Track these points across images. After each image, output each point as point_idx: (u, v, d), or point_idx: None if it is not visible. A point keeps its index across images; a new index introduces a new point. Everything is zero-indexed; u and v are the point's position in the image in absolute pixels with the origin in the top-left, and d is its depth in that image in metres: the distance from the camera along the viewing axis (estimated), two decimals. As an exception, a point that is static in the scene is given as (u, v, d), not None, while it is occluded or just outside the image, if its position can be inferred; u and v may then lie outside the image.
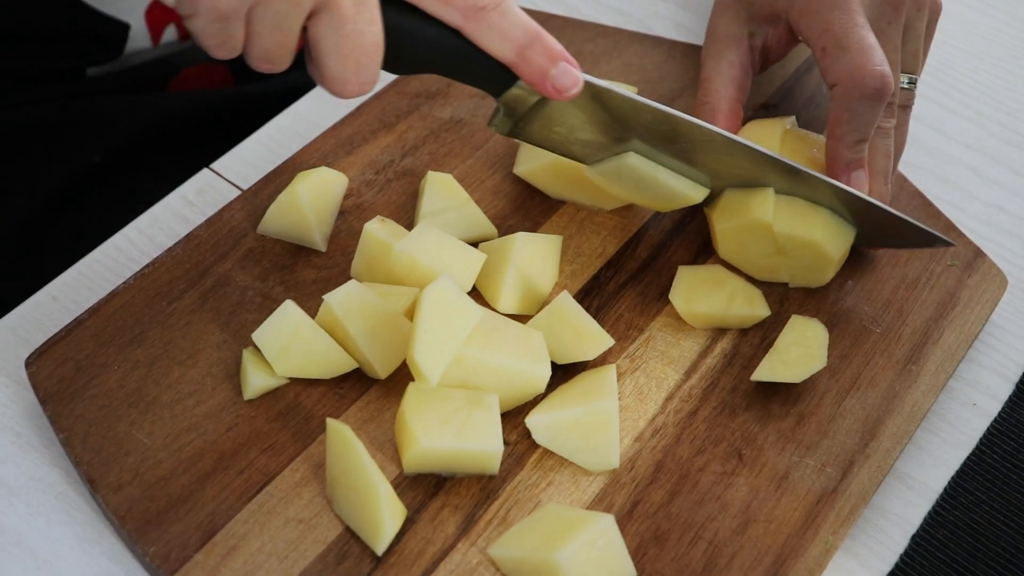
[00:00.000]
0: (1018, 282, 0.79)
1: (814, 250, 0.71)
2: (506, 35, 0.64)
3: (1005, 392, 0.74)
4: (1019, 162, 0.86)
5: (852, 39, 0.71)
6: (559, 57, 0.65)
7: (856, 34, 0.71)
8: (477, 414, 0.64)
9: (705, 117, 0.77)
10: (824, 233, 0.71)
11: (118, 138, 0.91)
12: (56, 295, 0.74)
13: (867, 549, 0.67)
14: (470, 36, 0.65)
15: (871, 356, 0.72)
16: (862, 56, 0.70)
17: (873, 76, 0.70)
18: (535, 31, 0.65)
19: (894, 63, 0.74)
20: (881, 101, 0.71)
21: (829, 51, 0.72)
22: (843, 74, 0.71)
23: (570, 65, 0.66)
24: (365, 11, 0.61)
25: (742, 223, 0.72)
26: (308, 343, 0.67)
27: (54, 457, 0.67)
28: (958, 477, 0.70)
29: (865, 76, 0.70)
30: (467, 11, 0.64)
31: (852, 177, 0.73)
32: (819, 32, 0.72)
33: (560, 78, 0.65)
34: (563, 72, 0.65)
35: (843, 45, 0.71)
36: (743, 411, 0.69)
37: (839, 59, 0.71)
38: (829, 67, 0.72)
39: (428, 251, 0.69)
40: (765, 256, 0.73)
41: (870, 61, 0.70)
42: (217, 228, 0.74)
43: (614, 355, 0.71)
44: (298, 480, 0.65)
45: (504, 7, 0.64)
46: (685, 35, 0.92)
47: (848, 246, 0.73)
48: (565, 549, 0.59)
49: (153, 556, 0.61)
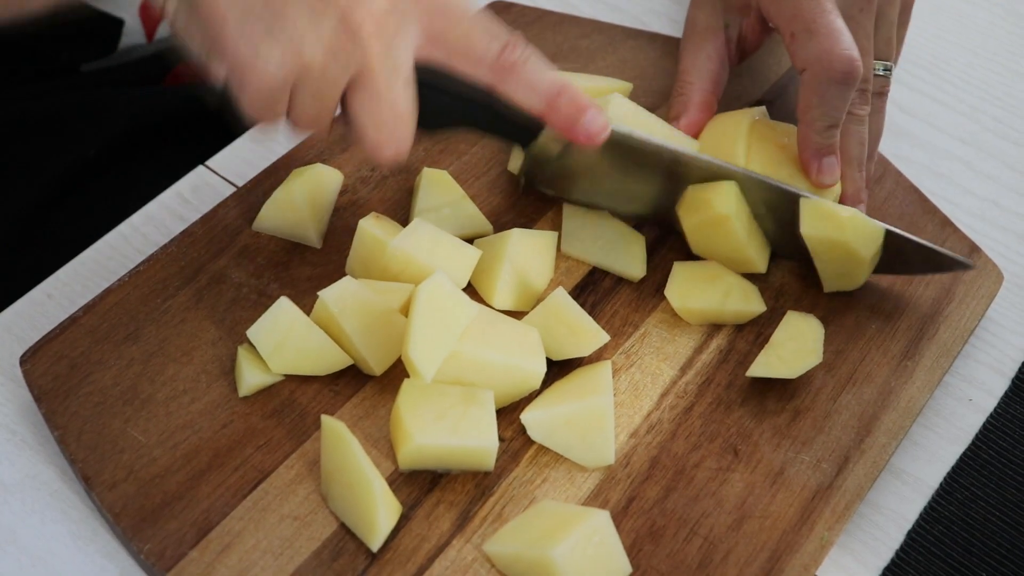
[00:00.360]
0: (1014, 277, 0.79)
1: (844, 251, 0.71)
2: (535, 88, 0.67)
3: (1001, 388, 0.74)
4: (1014, 157, 0.86)
5: (820, 24, 0.71)
6: (586, 107, 0.68)
7: (824, 19, 0.71)
8: (472, 410, 0.64)
9: (678, 109, 0.78)
10: (853, 233, 0.71)
11: (113, 133, 0.91)
12: (51, 292, 0.74)
13: (862, 545, 0.67)
14: (501, 92, 0.67)
15: (867, 352, 0.72)
16: (829, 40, 0.70)
17: (840, 59, 0.70)
18: (562, 81, 0.68)
19: (866, 49, 0.74)
20: (849, 85, 0.71)
21: (797, 36, 0.72)
22: (811, 58, 0.71)
23: (597, 111, 0.68)
24: (398, 81, 0.65)
25: (705, 218, 0.72)
26: (303, 340, 0.67)
27: (49, 455, 0.67)
28: (954, 473, 0.70)
29: (832, 60, 0.70)
30: (497, 69, 0.67)
31: (823, 164, 0.73)
32: (788, 18, 0.72)
33: (589, 124, 0.68)
34: (591, 119, 0.68)
35: (811, 30, 0.71)
36: (739, 407, 0.69)
37: (807, 44, 0.71)
38: (797, 52, 0.72)
39: (423, 247, 0.68)
40: (735, 250, 0.73)
41: (837, 45, 0.70)
42: (212, 225, 0.74)
43: (609, 351, 0.71)
44: (293, 477, 0.65)
45: (532, 62, 0.67)
46: (680, 31, 0.91)
47: (879, 245, 0.71)
48: (560, 545, 0.59)
49: (148, 553, 0.61)
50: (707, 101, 0.78)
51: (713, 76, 0.79)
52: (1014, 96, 0.90)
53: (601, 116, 0.68)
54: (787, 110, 0.83)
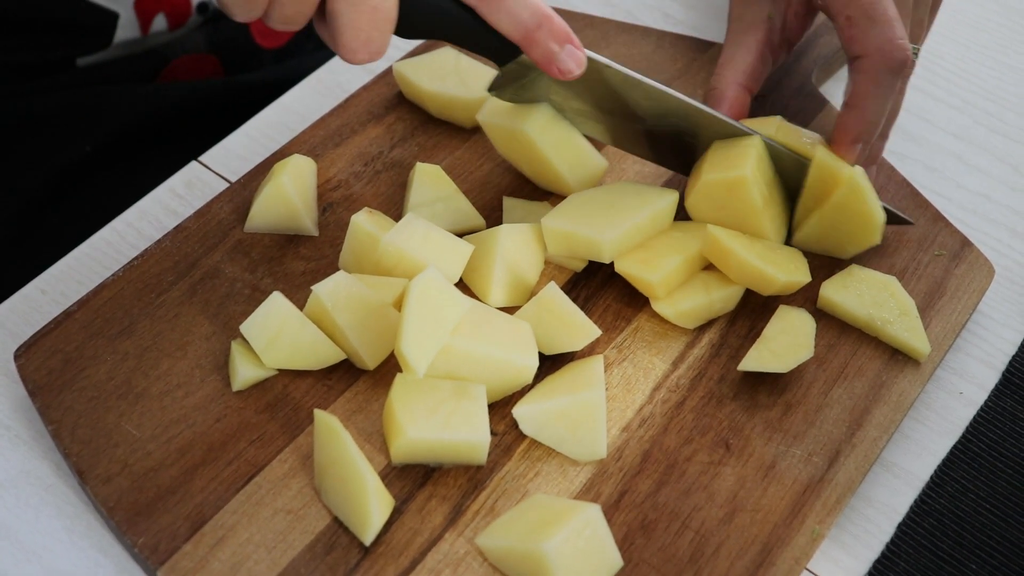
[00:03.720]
0: (1005, 271, 0.79)
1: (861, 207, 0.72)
2: (516, 17, 0.67)
3: (992, 381, 0.74)
4: (1005, 150, 0.86)
5: (879, 10, 0.71)
6: (565, 40, 0.68)
7: (882, 5, 0.71)
8: (464, 405, 0.64)
9: (711, 102, 0.78)
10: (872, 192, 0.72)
11: (109, 129, 0.91)
12: (45, 288, 0.74)
13: (853, 538, 0.67)
14: (483, 15, 0.67)
15: (858, 346, 0.72)
16: (890, 29, 0.70)
17: (900, 50, 0.70)
18: (544, 13, 0.67)
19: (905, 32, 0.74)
20: (903, 74, 0.71)
21: (856, 21, 0.71)
22: (872, 46, 0.71)
23: (575, 47, 0.68)
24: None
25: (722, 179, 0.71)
26: (296, 334, 0.67)
27: (43, 449, 0.67)
28: (944, 466, 0.70)
29: (893, 49, 0.70)
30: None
31: (856, 149, 0.73)
32: (844, 2, 0.72)
33: (565, 60, 0.68)
34: (568, 55, 0.68)
35: (871, 16, 0.71)
36: (730, 401, 0.69)
37: (868, 31, 0.71)
38: (855, 38, 0.71)
39: (415, 242, 0.69)
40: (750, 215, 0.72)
41: (896, 34, 0.70)
42: (206, 220, 0.74)
43: (602, 345, 0.71)
44: (286, 471, 0.65)
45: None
46: (674, 25, 0.92)
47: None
48: (552, 539, 0.59)
49: (142, 547, 0.62)
50: (740, 97, 0.77)
51: (749, 70, 0.78)
52: (1006, 90, 0.90)
53: (578, 53, 0.68)
54: (781, 103, 0.83)
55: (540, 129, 0.73)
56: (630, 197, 0.72)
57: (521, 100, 0.73)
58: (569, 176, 0.74)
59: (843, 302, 0.72)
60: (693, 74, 0.85)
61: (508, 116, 0.73)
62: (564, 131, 0.74)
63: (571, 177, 0.75)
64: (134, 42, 0.94)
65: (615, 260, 0.72)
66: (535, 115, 0.73)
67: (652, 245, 0.72)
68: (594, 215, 0.71)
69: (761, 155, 0.72)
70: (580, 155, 0.74)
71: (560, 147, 0.74)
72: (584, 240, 0.71)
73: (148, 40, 0.95)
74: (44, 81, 0.91)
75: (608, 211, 0.71)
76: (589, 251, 0.72)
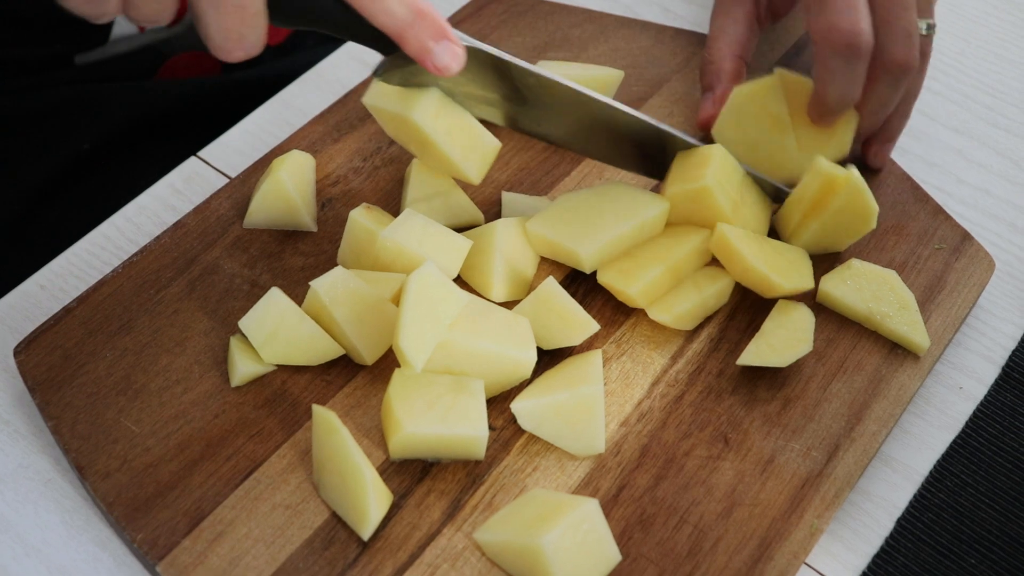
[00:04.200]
0: (1005, 265, 0.79)
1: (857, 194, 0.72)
2: (390, 12, 0.65)
3: (991, 375, 0.74)
4: (1005, 145, 0.86)
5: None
6: (441, 36, 0.66)
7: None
8: (462, 399, 0.64)
9: (710, 79, 0.79)
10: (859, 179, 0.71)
11: (107, 126, 0.91)
12: (44, 284, 0.74)
13: (852, 532, 0.67)
14: (357, 8, 0.65)
15: (857, 340, 0.72)
16: (836, 14, 0.70)
17: (842, 35, 0.70)
18: (418, 9, 0.65)
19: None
20: (853, 58, 0.71)
21: (810, 5, 0.71)
22: (817, 29, 0.71)
23: (451, 43, 0.66)
24: None
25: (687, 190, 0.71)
26: (295, 330, 0.67)
27: (42, 445, 0.68)
28: (944, 460, 0.70)
29: (835, 34, 0.70)
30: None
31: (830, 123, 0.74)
32: None
33: (440, 56, 0.66)
34: (443, 50, 0.66)
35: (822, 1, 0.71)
36: (729, 395, 0.69)
37: (818, 14, 0.71)
38: (808, 21, 0.72)
39: (413, 238, 0.69)
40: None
41: (842, 20, 0.70)
42: (205, 216, 0.74)
43: (600, 340, 0.71)
44: (285, 466, 0.65)
45: None
46: (673, 20, 0.92)
47: None
48: (549, 533, 0.59)
49: (141, 542, 0.62)
50: (737, 68, 0.79)
51: (741, 39, 0.80)
52: (1006, 84, 0.90)
53: (455, 48, 0.66)
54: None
55: (429, 115, 0.70)
56: (620, 203, 0.72)
57: (410, 85, 0.70)
58: (461, 161, 0.71)
59: (842, 296, 0.72)
60: (692, 68, 0.85)
61: (395, 100, 0.70)
62: (455, 116, 0.71)
63: (463, 162, 0.71)
64: (131, 39, 0.94)
65: (598, 271, 0.72)
66: (423, 100, 0.69)
67: (636, 254, 0.72)
68: (578, 223, 0.71)
69: (723, 161, 0.72)
70: (472, 139, 0.71)
71: (451, 133, 0.71)
72: (564, 250, 0.71)
73: (145, 37, 0.95)
74: (43, 78, 0.91)
75: (594, 219, 0.71)
76: (569, 260, 0.71)
